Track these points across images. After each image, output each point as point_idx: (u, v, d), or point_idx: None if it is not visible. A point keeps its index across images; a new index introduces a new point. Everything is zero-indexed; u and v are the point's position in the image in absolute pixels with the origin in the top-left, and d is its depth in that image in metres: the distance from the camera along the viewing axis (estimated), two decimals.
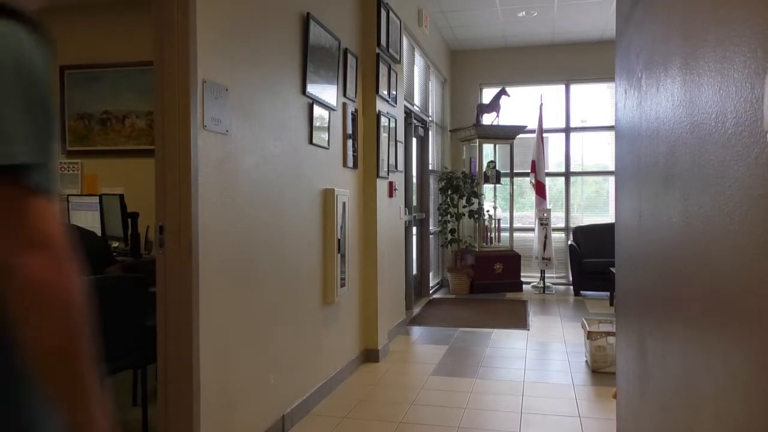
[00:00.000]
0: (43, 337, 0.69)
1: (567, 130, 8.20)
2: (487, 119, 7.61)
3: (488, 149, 7.86)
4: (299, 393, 3.30)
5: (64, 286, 0.70)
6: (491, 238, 7.72)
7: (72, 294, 0.70)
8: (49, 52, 0.77)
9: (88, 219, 4.13)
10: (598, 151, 8.40)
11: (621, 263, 2.19)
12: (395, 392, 3.77)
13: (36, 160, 0.71)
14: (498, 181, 7.75)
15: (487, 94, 8.22)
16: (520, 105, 8.10)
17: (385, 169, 4.67)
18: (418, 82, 6.49)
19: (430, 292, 7.19)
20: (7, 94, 0.71)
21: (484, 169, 7.63)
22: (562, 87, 8.17)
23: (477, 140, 7.52)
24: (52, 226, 0.71)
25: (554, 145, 8.34)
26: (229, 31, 2.61)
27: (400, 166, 5.34)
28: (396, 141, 5.08)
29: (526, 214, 8.52)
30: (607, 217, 7.93)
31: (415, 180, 6.54)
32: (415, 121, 6.28)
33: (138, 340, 2.76)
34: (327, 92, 3.68)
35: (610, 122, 7.50)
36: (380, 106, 4.56)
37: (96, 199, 4.10)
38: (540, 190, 7.54)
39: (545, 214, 7.46)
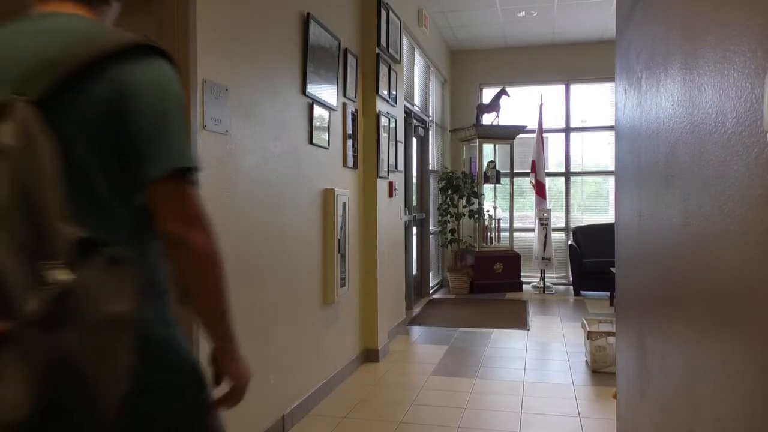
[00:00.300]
0: (203, 285, 1.03)
1: (567, 130, 8.20)
2: (487, 119, 7.61)
3: (488, 149, 7.86)
4: (299, 393, 3.30)
5: (215, 252, 1.03)
6: (491, 238, 7.72)
7: (219, 257, 1.03)
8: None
9: None
10: (598, 151, 8.40)
11: (621, 263, 2.19)
12: (395, 392, 3.77)
13: (197, 164, 1.02)
14: (498, 181, 7.75)
15: (487, 94, 8.22)
16: (520, 105, 8.10)
17: (385, 169, 4.67)
18: (418, 82, 6.49)
19: (430, 292, 7.19)
20: (175, 115, 0.99)
21: (484, 169, 7.63)
22: (562, 87, 8.17)
23: (477, 140, 7.52)
24: (205, 211, 1.03)
25: (554, 145, 8.34)
26: (229, 31, 2.61)
27: (400, 166, 5.34)
28: (396, 141, 5.08)
29: (526, 214, 8.52)
30: (607, 217, 7.93)
31: (415, 180, 6.54)
32: (415, 121, 6.28)
33: None
34: (327, 92, 3.68)
35: (610, 122, 7.51)
36: (380, 106, 4.56)
37: None
38: (540, 190, 7.54)
39: (545, 214, 7.46)
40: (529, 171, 7.72)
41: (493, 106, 7.56)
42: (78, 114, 0.92)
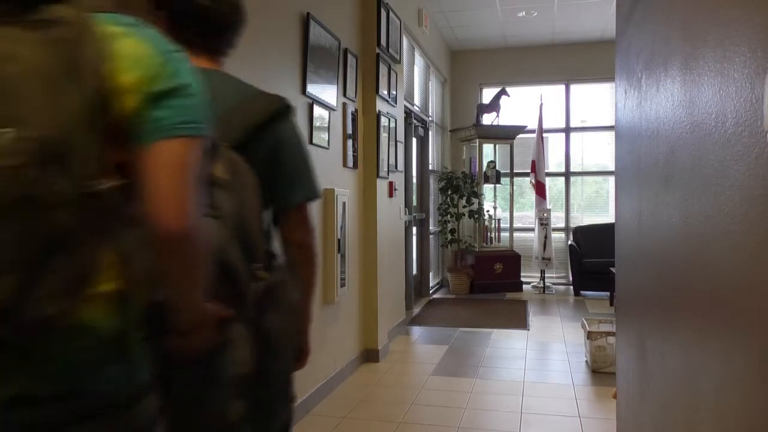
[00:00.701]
0: (313, 273, 1.42)
1: (567, 130, 8.20)
2: (487, 119, 7.61)
3: (488, 149, 7.86)
4: (299, 393, 3.30)
5: (317, 250, 1.42)
6: (491, 238, 7.72)
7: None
8: None
9: None
10: (598, 151, 8.40)
11: (621, 263, 2.19)
12: (395, 392, 3.77)
13: (320, 193, 1.41)
14: (498, 181, 7.75)
15: (487, 94, 8.22)
16: (520, 105, 8.10)
17: (385, 169, 4.67)
18: (418, 82, 6.49)
19: (430, 292, 7.19)
20: (308, 157, 1.40)
21: (484, 169, 7.63)
22: (562, 87, 8.17)
23: (477, 140, 7.52)
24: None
25: (554, 145, 8.34)
26: None
27: (400, 166, 5.34)
28: (396, 141, 5.08)
29: (526, 214, 8.52)
30: (607, 217, 7.93)
31: (415, 180, 6.54)
32: (415, 121, 6.28)
33: None
34: (327, 92, 3.68)
35: (610, 122, 7.50)
36: (380, 106, 4.56)
37: None
38: (540, 190, 7.54)
39: (545, 214, 7.46)
40: (529, 171, 7.72)
41: (493, 106, 7.56)
42: (254, 156, 1.23)
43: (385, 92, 4.66)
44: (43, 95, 0.77)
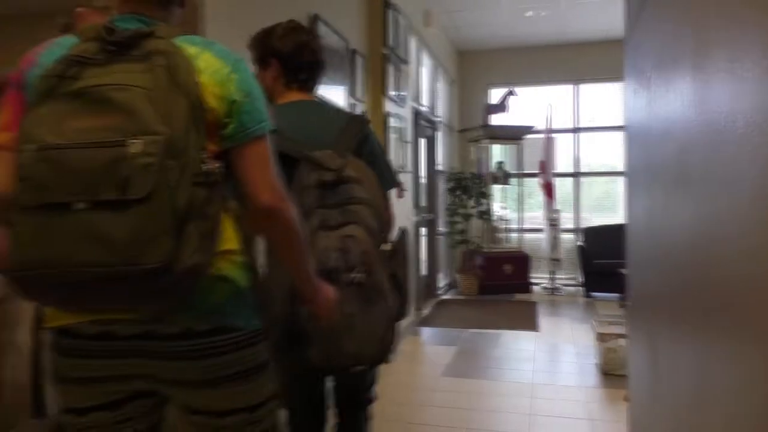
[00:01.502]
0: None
1: (576, 130, 8.16)
2: (496, 120, 7.59)
3: (497, 150, 7.83)
4: None
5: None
6: (500, 239, 7.69)
7: None
8: None
9: None
10: (607, 152, 8.35)
11: (632, 265, 2.18)
12: (404, 393, 3.76)
13: (399, 182, 2.08)
14: (507, 182, 7.72)
15: (495, 95, 8.19)
16: (529, 105, 8.06)
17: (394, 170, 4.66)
18: (425, 83, 6.48)
19: (440, 293, 7.18)
20: (385, 155, 1.88)
21: (493, 169, 7.60)
22: (571, 87, 8.12)
23: (485, 141, 7.50)
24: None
25: (563, 146, 8.30)
26: (237, 32, 2.61)
27: (409, 166, 5.34)
28: (404, 142, 5.08)
29: (535, 215, 8.48)
30: (617, 217, 7.86)
31: (423, 180, 6.53)
32: (423, 122, 6.27)
33: None
34: (335, 93, 3.68)
35: (620, 123, 7.45)
36: (388, 106, 4.56)
37: None
38: (549, 190, 7.50)
39: (554, 215, 7.42)
40: (538, 171, 7.68)
41: (501, 106, 7.53)
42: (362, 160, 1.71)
43: (393, 93, 4.66)
44: (155, 109, 1.02)
